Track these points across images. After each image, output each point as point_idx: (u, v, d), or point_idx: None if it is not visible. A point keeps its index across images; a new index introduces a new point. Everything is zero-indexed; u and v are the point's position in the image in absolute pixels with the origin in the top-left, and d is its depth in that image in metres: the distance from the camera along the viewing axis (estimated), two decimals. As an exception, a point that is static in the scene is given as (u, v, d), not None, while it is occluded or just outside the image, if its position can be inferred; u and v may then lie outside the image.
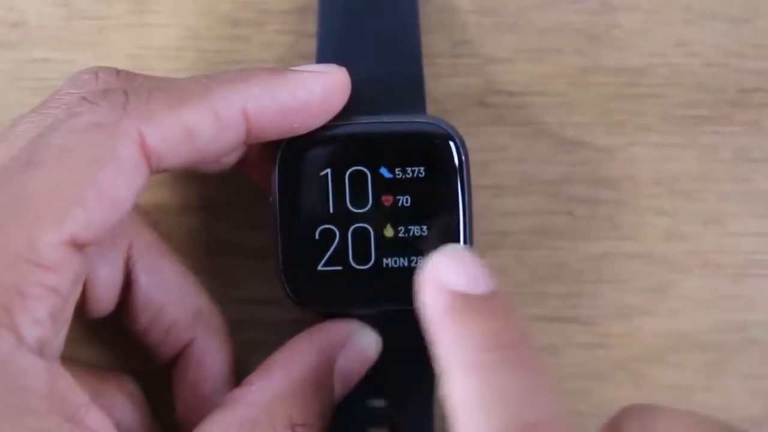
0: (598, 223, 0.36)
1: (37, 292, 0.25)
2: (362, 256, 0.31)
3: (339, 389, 0.31)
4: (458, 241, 0.31)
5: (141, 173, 0.27)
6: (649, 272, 0.36)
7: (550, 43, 0.36)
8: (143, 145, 0.27)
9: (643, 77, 0.36)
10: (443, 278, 0.26)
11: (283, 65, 0.35)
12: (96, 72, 0.29)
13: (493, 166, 0.36)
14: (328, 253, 0.31)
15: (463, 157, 0.31)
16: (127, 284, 0.32)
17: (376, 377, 0.32)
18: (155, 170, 0.28)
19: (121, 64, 0.30)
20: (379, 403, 0.33)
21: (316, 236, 0.31)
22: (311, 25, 0.36)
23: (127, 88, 0.28)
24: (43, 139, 0.27)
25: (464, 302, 0.26)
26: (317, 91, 0.30)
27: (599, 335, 0.37)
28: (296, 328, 0.32)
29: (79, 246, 0.26)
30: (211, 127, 0.28)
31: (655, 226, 0.36)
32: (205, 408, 0.32)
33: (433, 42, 0.36)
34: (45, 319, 0.25)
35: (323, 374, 0.30)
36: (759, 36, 0.36)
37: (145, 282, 0.32)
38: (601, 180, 0.36)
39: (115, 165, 0.27)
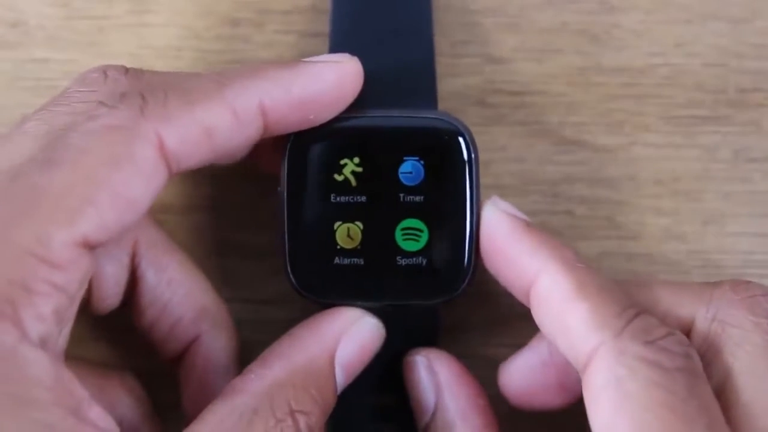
0: (598, 223, 0.36)
1: (44, 288, 0.25)
2: (368, 249, 0.31)
3: (341, 378, 0.31)
4: (465, 236, 0.31)
5: (159, 175, 0.28)
6: (649, 272, 0.36)
7: (550, 43, 0.36)
8: (161, 147, 0.27)
9: (643, 77, 0.36)
10: (511, 210, 0.31)
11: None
12: (104, 70, 0.29)
13: (493, 166, 0.36)
14: (335, 246, 0.31)
15: (473, 153, 0.31)
16: (133, 281, 0.32)
17: (380, 374, 0.32)
18: (176, 171, 0.28)
19: (121, 64, 0.30)
20: (383, 399, 0.33)
21: (323, 228, 0.31)
22: (311, 25, 0.36)
23: (143, 91, 0.28)
24: (62, 139, 0.27)
25: (531, 225, 0.31)
26: (330, 81, 0.30)
27: (599, 335, 0.36)
28: (298, 327, 0.32)
29: (90, 246, 0.26)
30: (228, 125, 0.28)
31: (655, 226, 0.36)
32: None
33: (433, 42, 0.36)
34: (49, 316, 0.25)
35: (324, 363, 0.30)
36: (759, 36, 0.36)
37: (150, 278, 0.32)
38: (601, 180, 0.36)
39: (131, 167, 0.27)
